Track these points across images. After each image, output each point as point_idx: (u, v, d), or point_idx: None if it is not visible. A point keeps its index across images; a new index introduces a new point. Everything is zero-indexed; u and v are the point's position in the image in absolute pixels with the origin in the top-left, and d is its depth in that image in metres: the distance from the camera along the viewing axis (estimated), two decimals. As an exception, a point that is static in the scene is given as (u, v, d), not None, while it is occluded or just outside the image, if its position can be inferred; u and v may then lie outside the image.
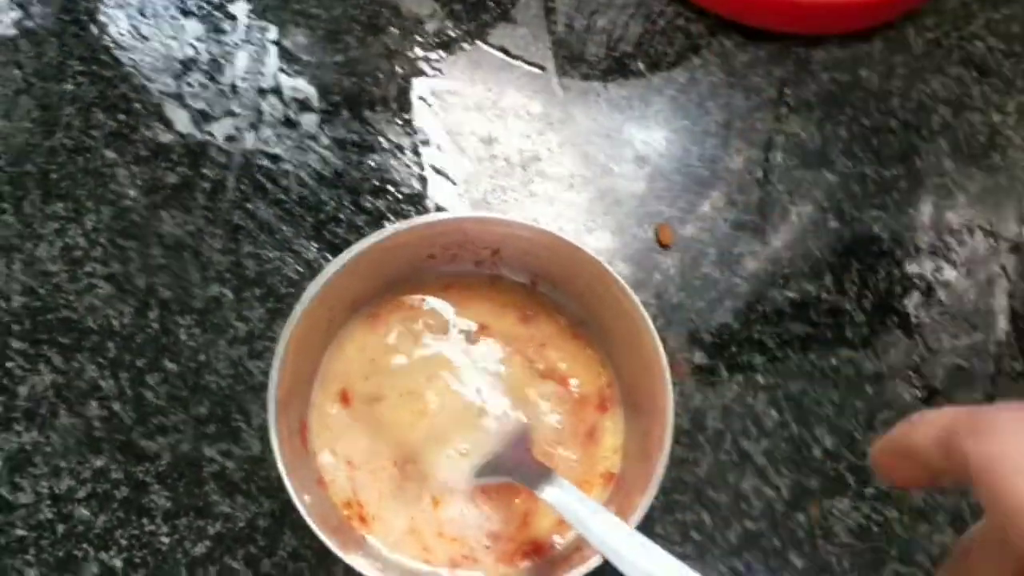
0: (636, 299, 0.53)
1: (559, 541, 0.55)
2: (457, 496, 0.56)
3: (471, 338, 0.59)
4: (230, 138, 0.67)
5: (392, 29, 0.71)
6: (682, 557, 0.55)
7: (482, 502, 0.56)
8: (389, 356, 0.58)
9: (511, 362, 0.59)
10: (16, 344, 0.60)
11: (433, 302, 0.60)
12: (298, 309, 0.51)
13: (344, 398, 0.57)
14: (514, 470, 0.54)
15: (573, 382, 0.59)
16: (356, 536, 0.54)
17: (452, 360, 0.58)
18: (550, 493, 0.50)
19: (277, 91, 0.68)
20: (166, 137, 0.66)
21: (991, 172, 0.71)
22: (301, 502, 0.48)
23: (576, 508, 0.48)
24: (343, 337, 0.58)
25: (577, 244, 0.54)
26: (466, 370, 0.58)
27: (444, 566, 0.54)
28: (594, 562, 0.48)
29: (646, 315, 0.53)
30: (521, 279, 0.60)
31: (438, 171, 0.67)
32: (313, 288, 0.52)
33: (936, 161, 0.70)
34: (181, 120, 0.67)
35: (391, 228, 0.54)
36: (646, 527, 0.58)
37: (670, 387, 0.51)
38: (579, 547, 0.53)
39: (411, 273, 0.59)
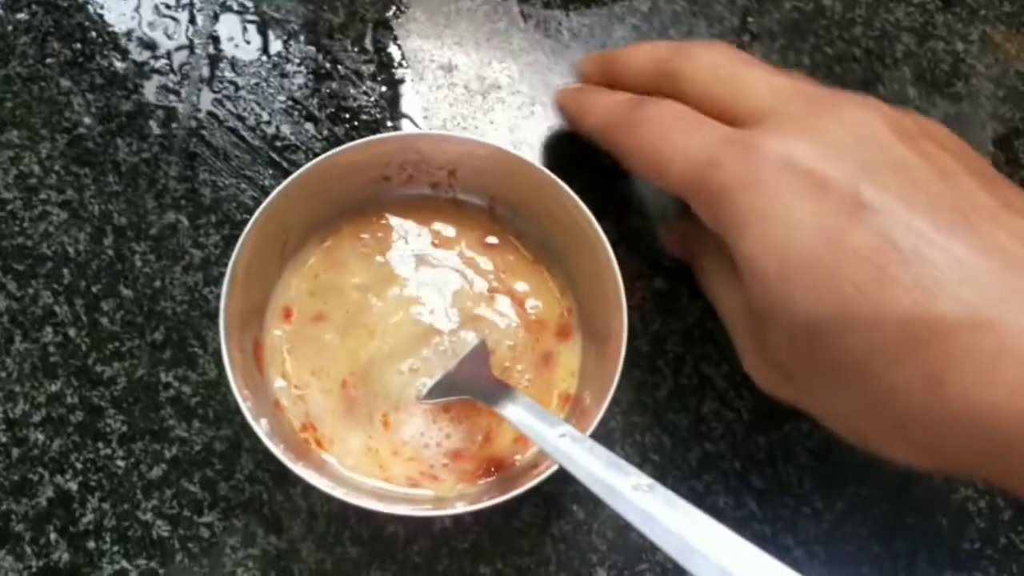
0: (592, 217, 0.53)
1: (519, 459, 0.55)
2: (414, 415, 0.55)
3: (424, 258, 0.59)
4: (185, 64, 0.66)
5: (351, -42, 0.70)
6: (640, 477, 0.56)
7: (443, 422, 0.55)
8: (338, 274, 0.58)
9: (464, 282, 0.58)
10: (-31, 271, 0.60)
11: (387, 221, 0.59)
12: (246, 229, 0.51)
13: (286, 315, 0.56)
14: (472, 387, 0.54)
15: (530, 303, 0.58)
16: (315, 459, 0.54)
17: (403, 278, 0.58)
18: (510, 410, 0.49)
19: (234, 19, 0.68)
20: (121, 65, 0.66)
21: (955, 100, 0.70)
22: (257, 424, 0.48)
23: (535, 423, 0.48)
24: (298, 261, 0.58)
25: (533, 162, 0.54)
26: (417, 288, 0.58)
27: (403, 485, 0.54)
28: (549, 471, 0.47)
29: (602, 234, 0.52)
30: (479, 201, 0.60)
31: (396, 98, 0.66)
32: (262, 208, 0.51)
33: (900, 89, 0.70)
34: (136, 48, 0.66)
35: (342, 147, 0.53)
36: (607, 447, 0.58)
37: (625, 305, 0.51)
38: (536, 463, 0.52)
39: (367, 196, 0.58)
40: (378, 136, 0.55)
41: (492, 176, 0.57)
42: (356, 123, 0.65)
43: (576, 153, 0.66)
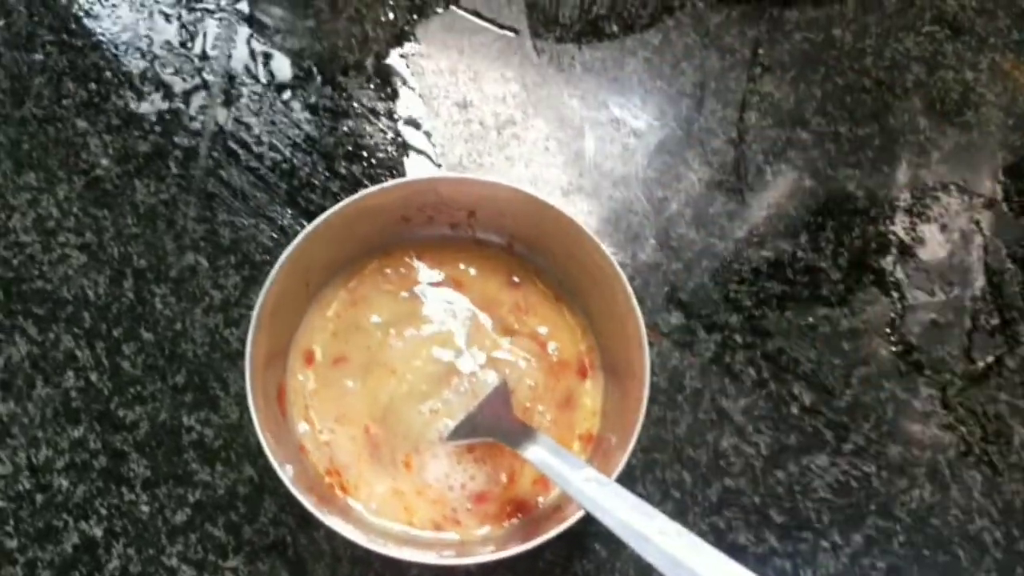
0: (612, 258, 0.53)
1: (542, 500, 0.55)
2: (437, 456, 0.56)
3: (445, 298, 0.59)
4: (202, 106, 0.66)
5: (364, -6, 0.71)
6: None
7: (467, 463, 0.56)
8: (359, 314, 0.58)
9: (486, 322, 0.58)
10: (-10, 316, 0.60)
11: (408, 261, 0.59)
12: (272, 274, 0.51)
13: (309, 359, 0.57)
14: (494, 429, 0.54)
15: (552, 346, 0.59)
16: (340, 503, 0.54)
17: (424, 317, 0.58)
18: (533, 452, 0.49)
19: (248, 58, 0.68)
20: (137, 106, 0.66)
21: (965, 129, 0.71)
22: (282, 470, 0.48)
23: (559, 466, 0.48)
24: (320, 303, 0.58)
25: (551, 203, 0.54)
26: (438, 327, 0.58)
27: (428, 528, 0.54)
28: (575, 517, 0.48)
29: (622, 274, 0.53)
30: (499, 241, 0.60)
31: (413, 136, 0.67)
32: (286, 252, 0.52)
33: (910, 119, 0.71)
34: (152, 89, 0.66)
35: (363, 191, 0.53)
36: (627, 486, 0.58)
37: (646, 343, 0.51)
38: (560, 505, 0.53)
39: (387, 238, 0.59)
40: (397, 181, 0.55)
41: (511, 217, 0.57)
42: (373, 161, 0.66)
43: (591, 187, 0.66)
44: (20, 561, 0.55)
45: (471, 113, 0.68)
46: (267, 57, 0.68)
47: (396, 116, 0.67)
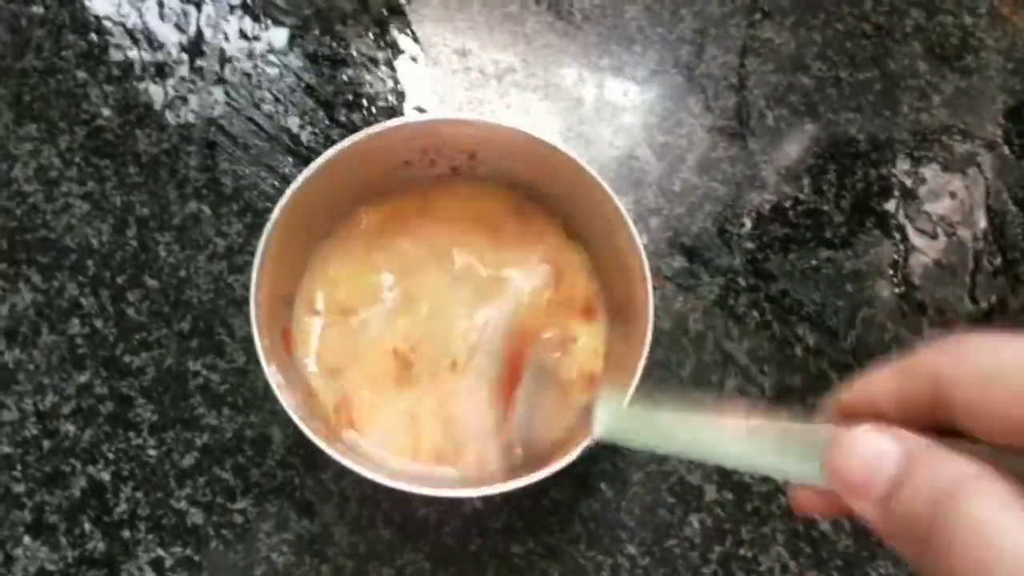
0: (615, 197, 0.53)
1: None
2: (457, 383, 0.56)
3: (451, 235, 0.59)
4: (201, 54, 0.66)
5: (362, -55, 0.71)
6: (667, 456, 0.56)
7: (481, 395, 0.56)
8: (368, 255, 0.58)
9: (494, 255, 0.59)
10: (-6, 265, 0.60)
11: (411, 203, 0.59)
12: (273, 216, 0.51)
13: (315, 302, 0.57)
14: (550, 424, 0.52)
15: (560, 283, 0.59)
16: (348, 439, 0.54)
17: (432, 254, 0.59)
18: (597, 429, 0.45)
19: (246, 6, 0.68)
20: (137, 57, 0.66)
21: (965, 74, 0.71)
22: (289, 406, 0.48)
23: (626, 425, 0.44)
24: (324, 247, 0.58)
25: (552, 142, 0.54)
26: (450, 265, 0.58)
27: (431, 459, 0.54)
28: (579, 449, 0.47)
29: (624, 211, 0.53)
30: (500, 183, 0.60)
31: (412, 84, 0.66)
32: (288, 194, 0.51)
33: (910, 64, 0.71)
34: (152, 38, 0.66)
35: (364, 132, 0.53)
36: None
37: (650, 281, 0.51)
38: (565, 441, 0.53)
39: (390, 181, 0.59)
40: (398, 121, 0.55)
41: (512, 158, 0.57)
42: (373, 109, 0.66)
43: (592, 134, 0.66)
44: (28, 505, 0.55)
45: (470, 61, 0.68)
46: (266, 7, 0.68)
47: (395, 65, 0.67)
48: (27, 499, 0.55)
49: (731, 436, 0.35)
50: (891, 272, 0.65)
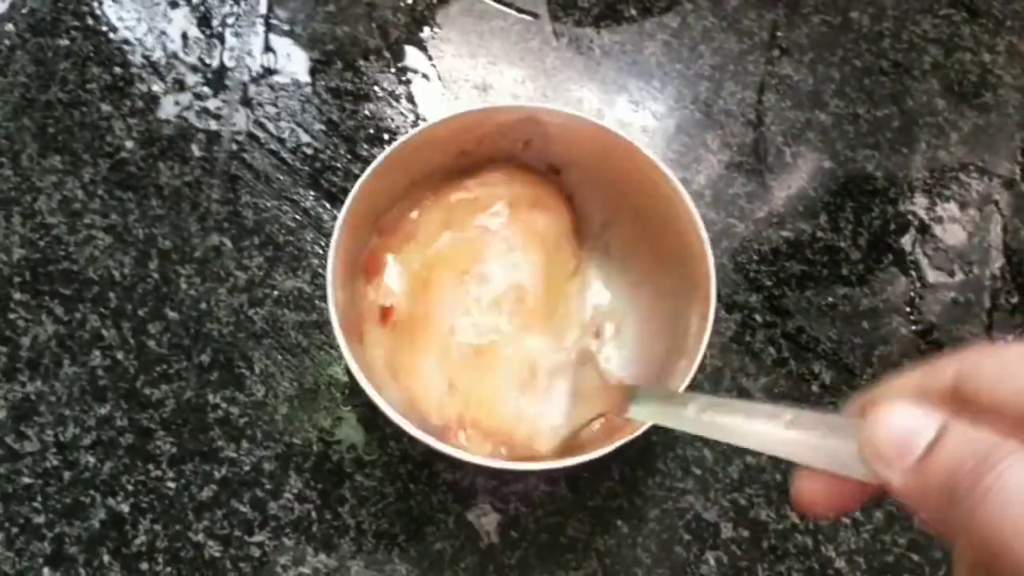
0: (671, 174, 0.53)
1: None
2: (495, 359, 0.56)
3: (508, 221, 0.59)
4: (224, 88, 0.67)
5: (384, -21, 0.71)
6: (683, 492, 0.56)
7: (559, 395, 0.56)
8: (428, 247, 0.58)
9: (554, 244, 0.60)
10: (18, 296, 0.61)
11: (469, 192, 0.60)
12: (342, 214, 0.51)
13: (385, 315, 0.57)
14: (594, 400, 0.53)
15: None
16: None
17: (490, 242, 0.59)
18: (636, 411, 0.47)
19: (269, 41, 0.68)
20: (161, 89, 0.66)
21: (982, 111, 0.71)
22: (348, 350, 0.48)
23: (667, 411, 0.45)
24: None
25: (609, 127, 0.54)
26: (507, 252, 0.59)
27: (452, 420, 0.54)
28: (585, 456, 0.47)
29: (682, 189, 0.53)
30: (554, 167, 0.61)
31: (433, 119, 0.67)
32: (360, 182, 0.52)
33: (928, 101, 0.71)
34: (175, 72, 0.67)
35: (429, 122, 0.54)
36: (647, 464, 0.59)
37: (711, 255, 0.51)
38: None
39: (448, 169, 0.59)
40: (460, 111, 0.55)
41: (566, 143, 0.58)
42: (394, 143, 0.66)
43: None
44: (48, 536, 0.56)
45: (491, 96, 0.68)
46: (288, 42, 0.68)
47: (416, 99, 0.68)
48: (47, 530, 0.56)
49: (769, 417, 0.35)
50: (908, 309, 0.65)
